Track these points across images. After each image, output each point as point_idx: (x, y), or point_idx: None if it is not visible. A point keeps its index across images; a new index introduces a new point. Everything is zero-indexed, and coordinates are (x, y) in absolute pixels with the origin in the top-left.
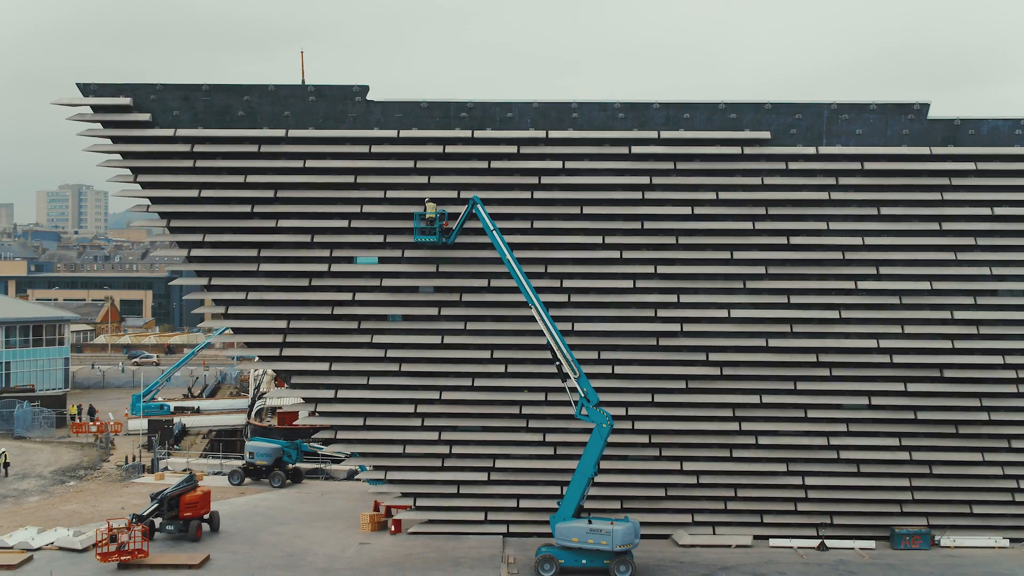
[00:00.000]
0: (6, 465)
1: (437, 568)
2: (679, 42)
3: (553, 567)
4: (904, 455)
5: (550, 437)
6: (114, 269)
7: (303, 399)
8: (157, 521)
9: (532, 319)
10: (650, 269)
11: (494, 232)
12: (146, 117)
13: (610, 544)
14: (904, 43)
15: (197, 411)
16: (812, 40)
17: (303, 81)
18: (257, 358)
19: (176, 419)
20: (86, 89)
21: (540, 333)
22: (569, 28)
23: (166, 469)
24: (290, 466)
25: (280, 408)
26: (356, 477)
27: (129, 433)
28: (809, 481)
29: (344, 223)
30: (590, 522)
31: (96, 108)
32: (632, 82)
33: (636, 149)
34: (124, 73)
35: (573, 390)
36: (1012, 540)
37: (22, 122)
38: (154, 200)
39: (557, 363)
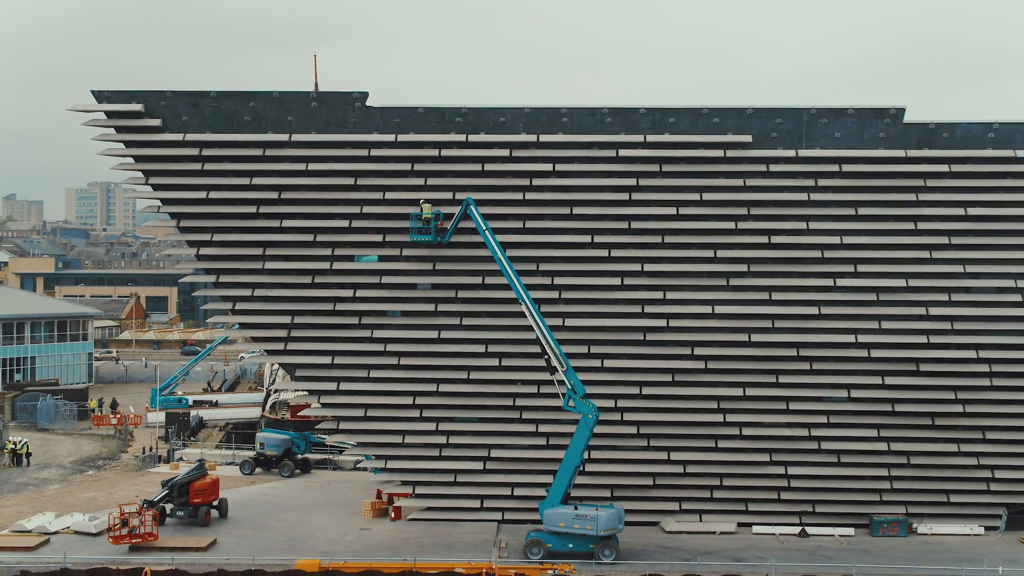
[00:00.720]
0: (28, 455)
1: (432, 552)
2: (703, 35)
3: (541, 551)
4: (882, 446)
5: (543, 428)
6: (141, 266)
7: (307, 391)
8: (169, 507)
9: (524, 315)
10: (637, 267)
11: (487, 232)
12: (157, 122)
13: (595, 529)
14: (934, 36)
15: (215, 404)
16: (840, 32)
17: (315, 84)
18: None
19: (193, 412)
20: (100, 96)
21: (532, 328)
22: (597, 23)
23: (181, 459)
24: (299, 456)
25: (289, 401)
26: (358, 466)
27: (148, 425)
28: (791, 471)
29: (345, 223)
30: (576, 508)
31: (109, 114)
32: (661, 76)
33: (623, 152)
34: (154, 70)
35: (561, 383)
36: (987, 528)
37: (52, 118)
38: (165, 201)
39: (546, 357)
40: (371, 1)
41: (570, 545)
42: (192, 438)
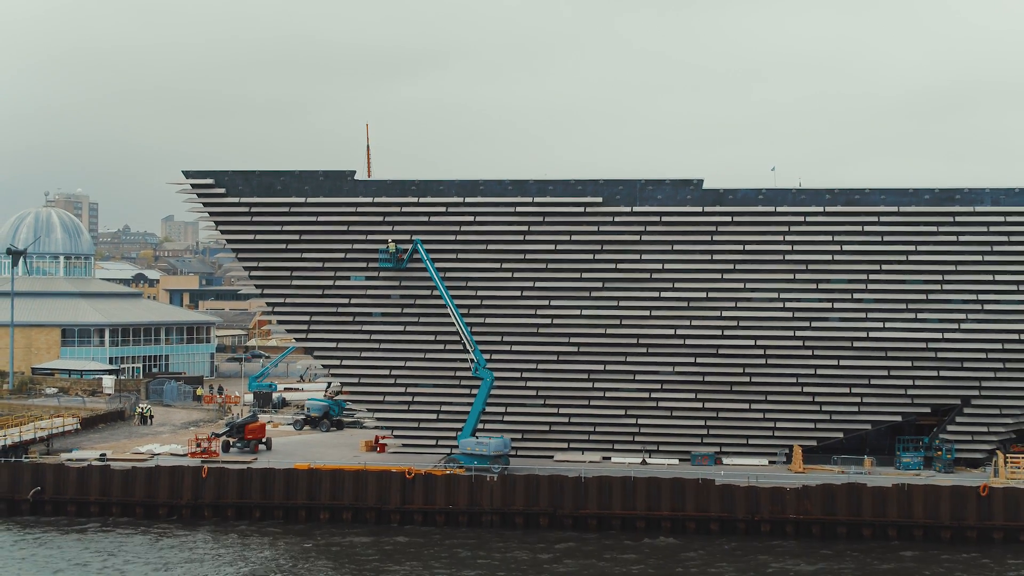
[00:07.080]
0: (151, 417)
1: (392, 463)
2: (821, 51)
3: (455, 464)
4: (699, 404)
5: (475, 391)
6: None
7: (322, 367)
8: (232, 440)
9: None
10: (531, 284)
11: (428, 262)
12: (222, 190)
13: (488, 451)
14: None
15: (300, 390)
16: (957, 47)
17: (367, 146)
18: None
19: (276, 394)
20: (187, 173)
21: (466, 327)
22: (730, 40)
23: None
24: (335, 417)
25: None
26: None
27: (244, 404)
28: (640, 421)
29: (342, 255)
30: (477, 438)
31: (193, 185)
32: (775, 92)
33: (519, 208)
34: (295, 100)
35: (472, 360)
36: (770, 461)
37: (204, 142)
38: (229, 241)
39: (462, 342)
40: (487, 27)
41: (474, 462)
42: (273, 410)
